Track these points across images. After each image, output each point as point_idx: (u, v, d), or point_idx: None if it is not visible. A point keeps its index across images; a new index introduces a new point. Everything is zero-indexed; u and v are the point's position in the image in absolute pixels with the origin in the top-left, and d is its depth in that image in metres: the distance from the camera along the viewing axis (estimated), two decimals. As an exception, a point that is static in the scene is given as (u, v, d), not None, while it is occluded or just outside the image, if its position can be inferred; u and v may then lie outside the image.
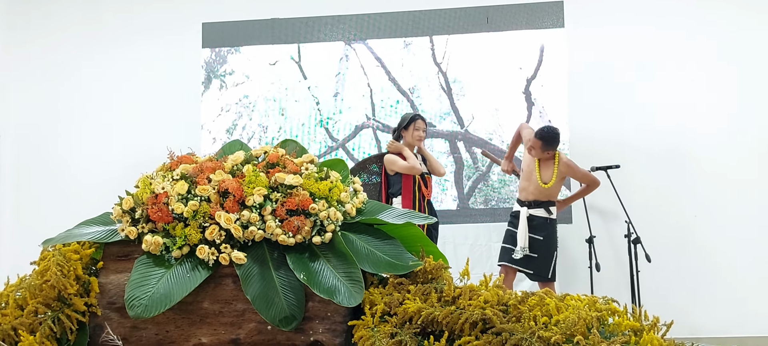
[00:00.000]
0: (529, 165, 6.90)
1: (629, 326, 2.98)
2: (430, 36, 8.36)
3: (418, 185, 6.63)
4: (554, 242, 6.79)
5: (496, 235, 7.71)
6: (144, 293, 3.04)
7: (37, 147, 8.62)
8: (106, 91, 8.64)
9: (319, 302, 3.10)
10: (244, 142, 4.00)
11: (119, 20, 8.75)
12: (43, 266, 3.21)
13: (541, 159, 6.81)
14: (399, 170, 6.64)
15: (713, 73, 8.01)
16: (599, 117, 8.04)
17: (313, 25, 8.50)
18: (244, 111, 8.52)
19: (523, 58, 8.21)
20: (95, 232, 3.37)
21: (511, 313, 2.93)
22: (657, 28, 8.14)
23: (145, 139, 8.22)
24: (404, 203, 6.56)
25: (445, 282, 3.14)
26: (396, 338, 2.91)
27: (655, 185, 7.90)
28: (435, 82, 8.32)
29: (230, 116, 8.53)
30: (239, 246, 3.20)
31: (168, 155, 3.57)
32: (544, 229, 6.74)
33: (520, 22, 8.26)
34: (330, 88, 8.44)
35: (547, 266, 6.69)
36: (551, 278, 6.71)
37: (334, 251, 3.23)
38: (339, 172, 3.58)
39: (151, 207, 3.25)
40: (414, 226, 3.42)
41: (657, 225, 7.66)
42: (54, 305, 3.13)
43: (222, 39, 8.59)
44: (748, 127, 7.89)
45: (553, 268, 6.72)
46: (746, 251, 7.72)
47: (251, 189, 3.26)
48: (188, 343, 3.13)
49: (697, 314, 7.42)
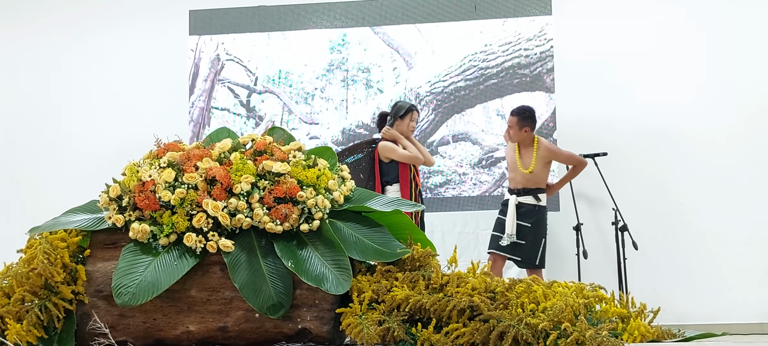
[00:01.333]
0: (510, 154, 6.92)
1: (616, 313, 2.99)
2: (417, 23, 8.36)
3: (413, 175, 6.62)
4: (543, 229, 6.80)
5: (484, 223, 7.72)
6: (131, 281, 3.03)
7: (23, 135, 8.58)
8: (92, 79, 8.60)
9: (306, 290, 3.10)
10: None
11: (106, 7, 8.71)
12: (29, 254, 3.20)
13: (522, 145, 6.82)
14: (397, 159, 6.59)
15: (701, 61, 8.04)
16: (586, 105, 8.06)
17: (301, 13, 8.48)
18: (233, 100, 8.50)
19: (510, 45, 8.21)
20: (82, 220, 3.36)
21: (499, 300, 2.94)
22: (644, 15, 8.15)
23: (132, 127, 8.18)
24: (402, 192, 6.53)
25: (433, 270, 3.15)
26: (384, 325, 2.91)
27: (643, 173, 7.92)
28: (424, 67, 8.31)
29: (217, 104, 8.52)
30: (227, 234, 3.19)
31: (155, 143, 3.56)
32: (532, 216, 6.76)
33: (507, 9, 8.26)
34: (317, 75, 8.42)
35: (535, 253, 6.71)
36: (539, 264, 6.73)
37: (321, 239, 3.23)
38: (327, 159, 3.57)
39: (138, 195, 3.24)
40: (402, 213, 3.42)
41: (644, 213, 7.69)
42: (41, 293, 3.13)
43: (209, 26, 8.56)
44: (735, 116, 7.92)
45: (542, 255, 6.74)
46: (733, 238, 7.76)
47: (239, 177, 3.26)
48: (176, 331, 3.12)
49: (684, 301, 7.45)
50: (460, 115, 8.21)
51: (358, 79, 8.39)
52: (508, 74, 8.18)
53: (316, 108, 8.38)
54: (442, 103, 8.22)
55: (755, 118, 7.89)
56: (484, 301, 2.89)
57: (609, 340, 2.67)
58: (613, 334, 2.82)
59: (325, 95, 8.40)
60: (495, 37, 8.24)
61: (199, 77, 8.53)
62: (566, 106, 8.07)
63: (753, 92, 7.91)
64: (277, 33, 8.48)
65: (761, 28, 8.02)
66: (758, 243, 7.72)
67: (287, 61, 8.46)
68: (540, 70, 8.14)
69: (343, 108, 8.37)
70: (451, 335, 2.84)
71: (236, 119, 8.44)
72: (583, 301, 2.91)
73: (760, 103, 7.90)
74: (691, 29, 8.09)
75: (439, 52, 8.31)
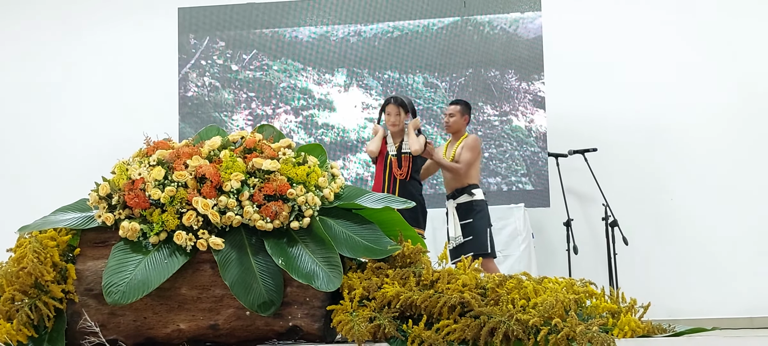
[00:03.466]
0: (440, 152, 6.87)
1: (607, 309, 3.00)
2: (406, 20, 8.35)
3: (389, 166, 6.53)
4: (485, 220, 6.69)
5: None
6: (122, 279, 3.02)
7: (12, 133, 8.56)
8: (81, 77, 8.59)
9: (297, 287, 3.09)
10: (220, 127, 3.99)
11: (95, 5, 8.69)
12: (19, 252, 3.19)
13: (450, 142, 6.83)
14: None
15: (690, 56, 8.06)
16: (576, 101, 8.08)
17: (290, 10, 8.47)
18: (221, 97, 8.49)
19: (500, 41, 8.21)
20: (72, 218, 3.35)
21: (490, 296, 2.94)
22: (633, 11, 8.18)
23: (121, 126, 8.17)
24: (374, 185, 6.55)
25: (424, 266, 3.15)
26: (375, 322, 2.91)
27: (633, 168, 7.95)
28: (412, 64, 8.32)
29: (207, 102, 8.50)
30: (217, 232, 3.19)
31: (144, 141, 3.55)
32: (470, 212, 6.66)
33: (497, 5, 8.26)
34: (306, 72, 8.41)
35: (482, 243, 6.61)
36: (491, 253, 6.66)
37: (312, 236, 3.23)
38: (316, 156, 3.57)
39: (128, 193, 3.23)
40: (392, 210, 3.42)
41: (634, 208, 7.72)
42: (31, 292, 3.12)
43: (198, 24, 8.54)
44: (725, 111, 7.95)
45: (491, 244, 6.65)
46: (723, 233, 7.79)
47: (228, 174, 3.25)
48: (166, 329, 3.12)
49: (674, 296, 7.48)
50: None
51: (345, 76, 8.39)
52: (497, 70, 8.18)
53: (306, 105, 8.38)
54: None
55: (745, 113, 7.92)
56: (475, 297, 2.89)
57: (599, 335, 2.67)
58: (603, 329, 2.83)
59: (314, 92, 8.39)
60: (484, 32, 8.24)
61: (189, 75, 8.51)
62: (556, 102, 8.08)
63: (743, 88, 7.95)
64: (266, 30, 8.47)
65: (751, 24, 8.05)
66: (748, 238, 7.75)
67: (276, 59, 8.44)
68: (529, 66, 8.14)
69: (330, 107, 8.36)
70: (442, 332, 2.85)
71: (225, 116, 8.42)
72: (573, 296, 2.92)
73: (749, 99, 7.93)
74: (681, 25, 8.11)
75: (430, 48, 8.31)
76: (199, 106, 8.46)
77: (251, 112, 8.46)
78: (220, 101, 8.49)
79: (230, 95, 8.49)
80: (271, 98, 8.45)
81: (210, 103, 8.48)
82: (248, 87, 8.46)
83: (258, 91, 8.45)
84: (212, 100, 8.49)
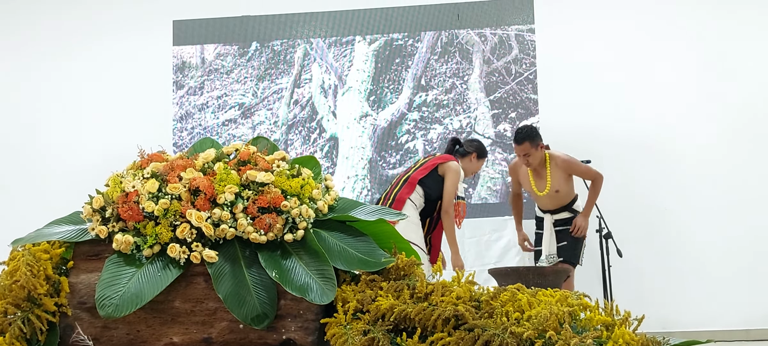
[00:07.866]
0: (524, 182, 6.76)
1: (601, 321, 2.99)
2: (400, 33, 8.37)
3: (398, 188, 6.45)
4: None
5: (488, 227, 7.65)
6: (115, 292, 3.02)
7: (6, 146, 8.54)
8: (76, 89, 8.59)
9: (291, 300, 3.09)
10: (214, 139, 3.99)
11: (90, 17, 8.70)
12: (12, 266, 3.18)
13: (535, 171, 6.65)
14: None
15: (683, 69, 8.09)
16: (569, 113, 8.09)
17: (283, 23, 8.48)
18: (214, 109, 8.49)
19: (493, 54, 8.23)
20: (65, 231, 3.34)
21: (484, 309, 2.94)
22: (626, 23, 8.20)
23: (115, 138, 8.16)
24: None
25: (418, 279, 3.15)
26: (368, 335, 2.91)
27: (626, 180, 7.95)
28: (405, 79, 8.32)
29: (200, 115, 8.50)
30: (211, 245, 3.18)
31: (138, 153, 3.54)
32: (569, 223, 6.69)
33: (490, 19, 8.28)
34: (300, 85, 8.42)
35: (576, 252, 6.66)
36: (578, 262, 6.72)
37: (306, 249, 3.22)
38: (311, 169, 3.57)
39: (122, 206, 3.22)
40: (386, 223, 3.42)
41: (628, 220, 7.71)
42: (24, 305, 3.10)
43: (193, 36, 8.55)
44: (718, 123, 7.97)
45: (582, 254, 6.72)
46: (717, 245, 7.80)
47: (222, 187, 3.25)
48: (160, 342, 3.11)
49: (669, 309, 7.49)
50: (442, 126, 8.22)
51: (339, 89, 8.40)
52: (490, 83, 8.19)
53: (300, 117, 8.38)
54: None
55: (738, 125, 7.94)
56: (469, 310, 2.89)
57: (594, 348, 2.67)
58: (597, 342, 2.83)
59: (308, 106, 8.39)
60: (478, 45, 8.26)
61: (183, 88, 8.51)
62: (549, 114, 8.09)
63: (736, 99, 7.97)
64: (261, 43, 8.47)
65: (743, 36, 8.08)
66: (742, 249, 7.76)
67: (271, 72, 8.45)
68: (523, 79, 8.16)
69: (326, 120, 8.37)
70: (435, 345, 2.84)
71: (219, 130, 8.43)
72: (567, 309, 2.92)
73: (743, 110, 7.96)
74: (674, 38, 8.14)
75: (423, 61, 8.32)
76: (194, 118, 8.46)
77: (245, 125, 8.45)
78: (214, 113, 8.49)
79: (224, 107, 8.49)
80: (265, 109, 8.45)
81: (204, 116, 8.48)
82: (242, 98, 8.46)
83: (252, 103, 8.45)
84: (206, 112, 8.49)
